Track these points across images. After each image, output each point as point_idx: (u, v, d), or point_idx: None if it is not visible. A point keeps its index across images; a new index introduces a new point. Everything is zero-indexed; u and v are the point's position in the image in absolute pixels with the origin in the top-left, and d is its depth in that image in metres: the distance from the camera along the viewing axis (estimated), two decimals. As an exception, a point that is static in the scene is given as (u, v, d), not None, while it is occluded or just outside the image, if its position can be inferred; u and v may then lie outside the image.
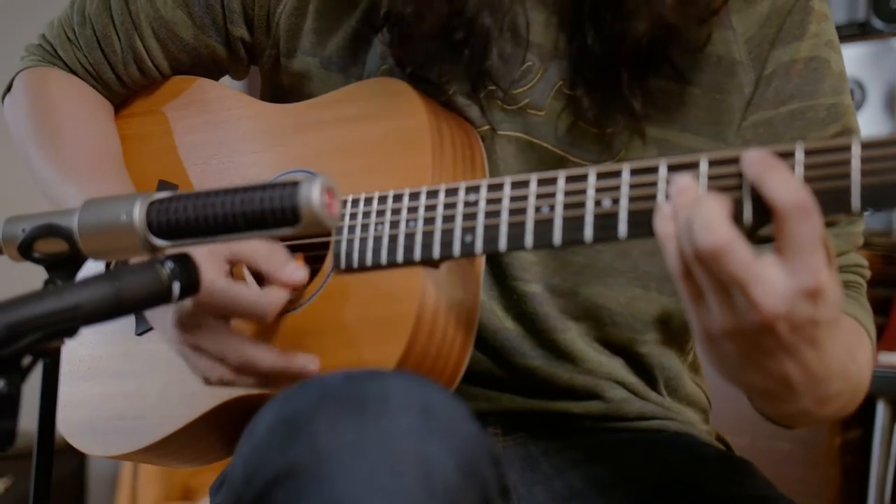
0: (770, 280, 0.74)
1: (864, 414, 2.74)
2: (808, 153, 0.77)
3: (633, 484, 1.05)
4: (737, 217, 0.77)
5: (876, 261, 2.90)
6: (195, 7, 1.18)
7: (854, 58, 3.05)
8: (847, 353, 0.84)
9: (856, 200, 0.75)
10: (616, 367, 1.11)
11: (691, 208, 0.75)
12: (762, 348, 0.77)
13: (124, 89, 1.25)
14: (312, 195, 0.81)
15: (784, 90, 1.06)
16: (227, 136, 1.18)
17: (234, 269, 1.03)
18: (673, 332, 1.12)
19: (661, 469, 1.06)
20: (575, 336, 1.09)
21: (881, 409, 2.71)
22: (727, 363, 0.81)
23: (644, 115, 1.03)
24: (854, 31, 3.16)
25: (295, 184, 0.82)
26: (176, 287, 0.86)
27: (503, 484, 0.84)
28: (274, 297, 0.99)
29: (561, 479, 1.07)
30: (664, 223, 0.78)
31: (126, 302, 0.84)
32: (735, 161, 0.78)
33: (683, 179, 0.78)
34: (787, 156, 0.77)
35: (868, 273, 1.11)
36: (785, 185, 0.75)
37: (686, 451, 1.10)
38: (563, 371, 1.08)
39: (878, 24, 3.14)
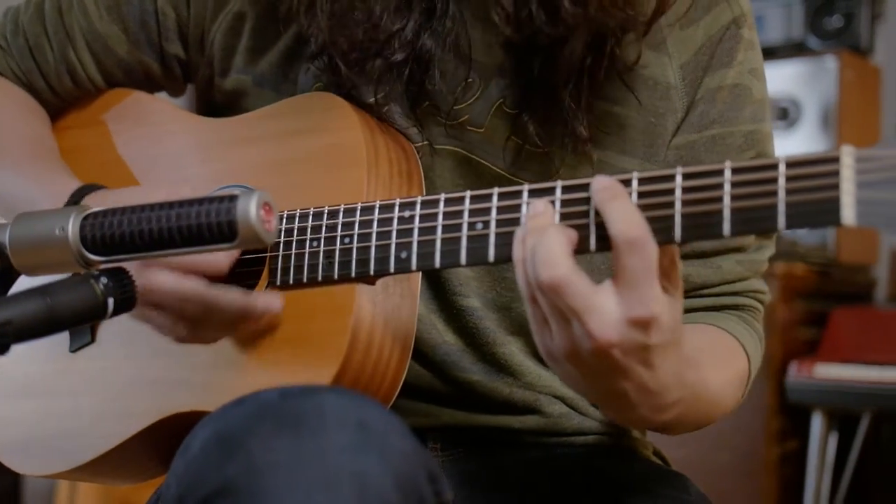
0: (603, 311, 0.78)
1: (801, 425, 2.79)
2: (685, 177, 0.80)
3: (569, 500, 1.06)
4: (584, 244, 0.82)
5: (812, 276, 2.95)
6: (130, 23, 1.17)
7: (790, 76, 3.10)
8: (684, 362, 0.87)
9: (727, 226, 0.78)
10: (555, 380, 1.11)
11: (536, 237, 0.79)
12: (598, 370, 0.82)
13: (57, 99, 1.23)
14: (250, 210, 0.81)
15: (708, 115, 1.08)
16: (162, 150, 1.16)
17: None
18: None
19: (598, 484, 1.07)
20: (514, 350, 1.09)
21: (817, 421, 2.76)
22: (568, 379, 0.87)
23: (587, 136, 1.04)
24: (790, 50, 3.22)
25: (232, 198, 0.82)
26: (111, 303, 0.85)
27: (441, 501, 0.84)
28: (263, 299, 0.97)
29: (499, 496, 1.07)
30: (517, 248, 0.82)
31: (59, 318, 0.82)
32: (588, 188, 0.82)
33: (537, 205, 0.83)
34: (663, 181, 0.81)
35: (767, 298, 1.15)
36: (622, 216, 0.79)
37: (623, 466, 1.11)
38: (502, 385, 1.09)
39: (813, 42, 3.21)
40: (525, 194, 0.86)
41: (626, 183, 0.82)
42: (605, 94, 1.06)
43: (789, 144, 3.02)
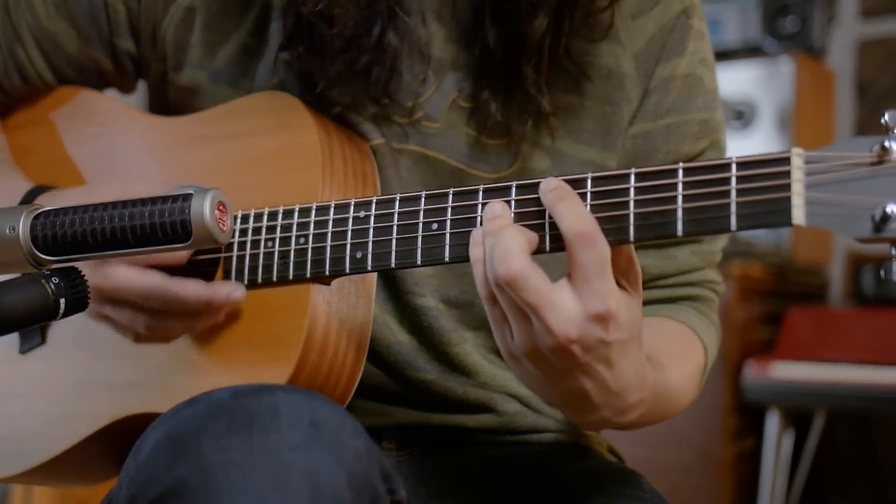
0: (562, 306, 0.79)
1: (757, 424, 2.82)
2: (638, 177, 0.81)
3: (524, 498, 1.06)
4: (540, 244, 0.83)
5: (768, 276, 2.98)
6: (80, 19, 1.15)
7: (747, 78, 3.13)
8: (645, 362, 0.87)
9: (680, 226, 0.79)
10: (510, 379, 1.11)
11: (494, 237, 0.81)
12: (559, 368, 0.82)
13: (6, 97, 1.21)
14: (204, 209, 0.80)
15: (662, 104, 1.10)
16: (114, 149, 1.15)
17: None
18: None
19: (552, 482, 1.07)
20: (470, 348, 1.09)
21: (772, 419, 2.79)
22: (529, 380, 0.86)
23: (551, 113, 1.05)
24: (747, 53, 3.25)
25: (186, 197, 0.81)
26: (62, 303, 0.84)
27: (395, 499, 0.84)
28: (223, 288, 0.96)
29: (454, 495, 1.07)
30: (474, 248, 0.83)
31: (9, 318, 0.81)
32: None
33: (493, 206, 0.84)
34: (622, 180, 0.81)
35: (721, 288, 1.17)
36: (571, 213, 0.80)
37: (577, 463, 1.11)
38: (457, 384, 1.09)
39: (770, 45, 3.24)
40: (480, 194, 0.87)
41: (581, 183, 0.83)
42: (560, 84, 1.07)
43: (745, 147, 3.05)
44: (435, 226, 0.88)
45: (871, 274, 3.04)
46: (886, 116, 0.75)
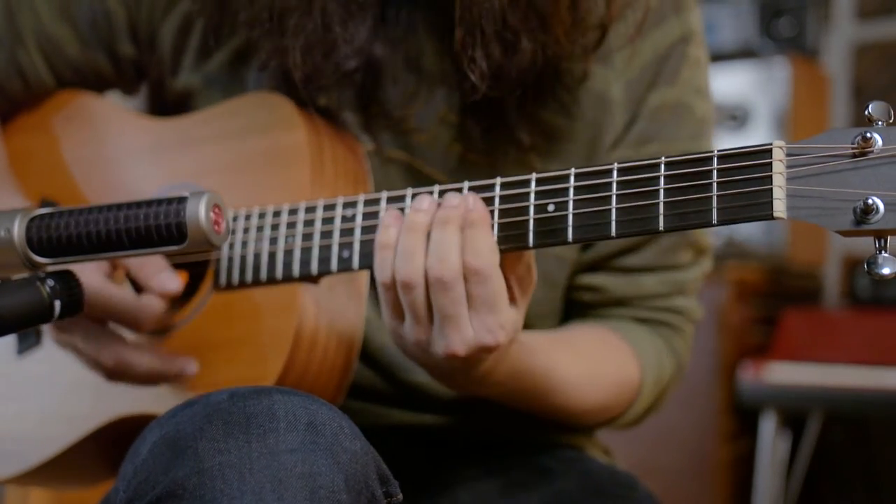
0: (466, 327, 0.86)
1: (752, 426, 2.82)
2: (619, 172, 0.82)
3: (518, 499, 1.06)
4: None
5: (763, 278, 2.99)
6: (81, 23, 1.16)
7: (742, 81, 3.13)
8: (519, 357, 0.94)
9: (662, 221, 0.80)
10: (503, 381, 1.12)
11: (457, 228, 0.87)
12: (439, 363, 0.90)
13: (6, 101, 1.22)
14: (199, 212, 0.80)
15: (645, 132, 1.09)
16: (111, 151, 1.16)
17: (114, 272, 1.02)
18: None
19: (547, 484, 1.07)
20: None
21: (767, 421, 2.79)
22: (401, 348, 0.92)
23: (531, 146, 1.05)
24: (742, 55, 3.25)
25: (181, 199, 0.81)
26: (57, 305, 0.85)
27: (392, 501, 0.84)
28: (150, 304, 0.98)
29: (448, 496, 1.07)
30: (385, 231, 0.89)
31: (4, 320, 0.82)
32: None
33: (422, 198, 0.89)
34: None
35: (696, 316, 1.16)
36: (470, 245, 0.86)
37: (572, 465, 1.11)
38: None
39: (765, 47, 3.24)
40: (465, 192, 0.87)
41: (564, 179, 0.84)
42: (549, 106, 1.06)
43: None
44: None
45: (867, 276, 3.04)
46: (870, 107, 0.74)
